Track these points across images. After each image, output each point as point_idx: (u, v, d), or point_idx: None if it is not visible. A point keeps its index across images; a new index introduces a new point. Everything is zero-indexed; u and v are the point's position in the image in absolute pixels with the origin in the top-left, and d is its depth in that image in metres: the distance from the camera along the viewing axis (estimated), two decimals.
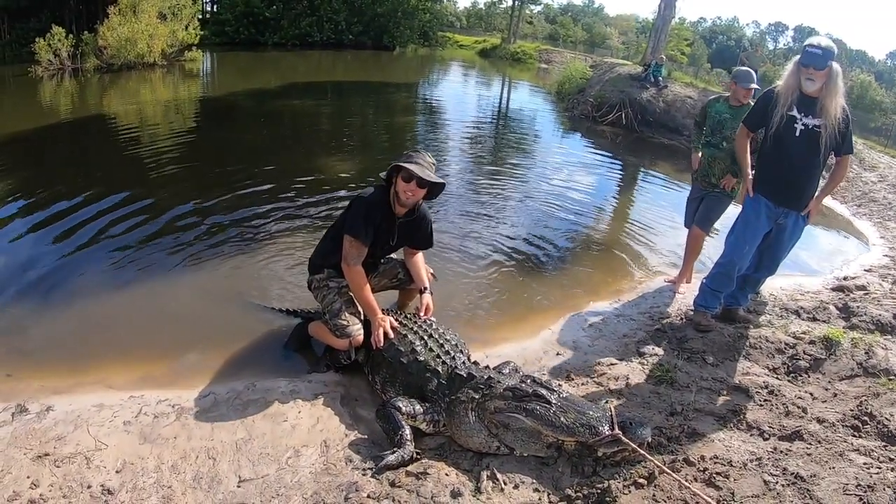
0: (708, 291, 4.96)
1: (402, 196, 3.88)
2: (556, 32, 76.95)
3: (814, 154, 4.28)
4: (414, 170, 3.75)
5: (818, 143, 4.21)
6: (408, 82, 27.12)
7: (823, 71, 4.03)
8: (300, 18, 39.31)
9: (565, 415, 2.94)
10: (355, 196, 4.04)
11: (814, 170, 4.40)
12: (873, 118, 37.22)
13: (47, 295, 5.13)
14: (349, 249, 3.88)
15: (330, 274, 4.13)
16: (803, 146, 4.27)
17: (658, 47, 22.34)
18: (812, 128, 4.19)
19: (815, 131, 4.18)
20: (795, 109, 4.23)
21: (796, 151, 4.31)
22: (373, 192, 3.98)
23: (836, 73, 4.06)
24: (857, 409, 3.42)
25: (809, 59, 4.03)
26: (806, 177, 4.42)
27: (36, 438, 3.28)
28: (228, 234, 6.60)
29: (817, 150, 4.24)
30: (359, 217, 3.86)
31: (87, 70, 22.30)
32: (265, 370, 4.17)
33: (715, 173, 5.67)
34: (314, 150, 11.28)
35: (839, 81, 4.09)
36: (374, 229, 3.93)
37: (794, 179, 4.44)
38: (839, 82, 4.09)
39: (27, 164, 9.32)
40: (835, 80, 4.06)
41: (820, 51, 4.00)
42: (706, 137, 5.72)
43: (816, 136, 4.19)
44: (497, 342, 4.81)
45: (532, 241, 7.19)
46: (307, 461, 3.18)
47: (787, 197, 4.49)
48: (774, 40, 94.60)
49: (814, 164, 4.35)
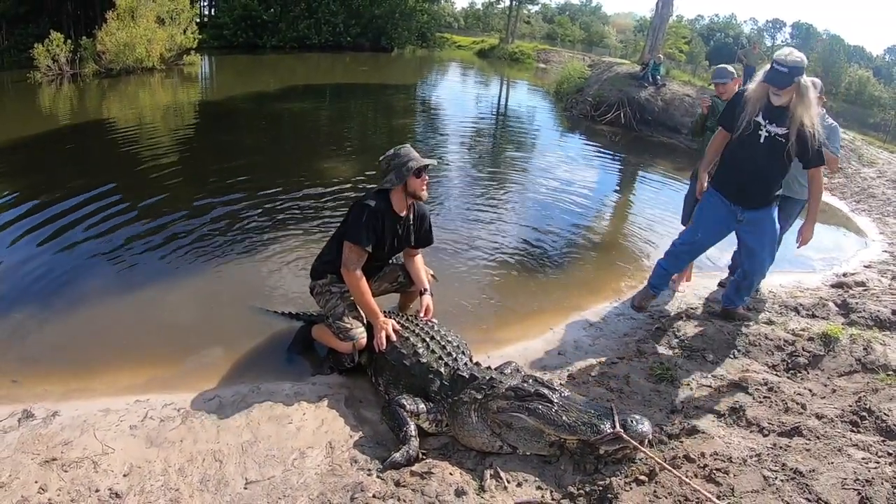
0: (658, 270, 5.03)
1: (420, 191, 3.96)
2: (554, 32, 76.85)
3: (773, 162, 4.32)
4: (423, 162, 3.88)
5: (780, 152, 4.24)
6: (406, 84, 27.11)
7: (789, 88, 4.05)
8: (298, 21, 39.25)
9: (567, 413, 2.97)
10: (356, 202, 4.07)
11: (770, 177, 4.44)
12: (872, 114, 37.28)
13: (51, 300, 5.16)
14: (349, 255, 3.91)
15: (332, 279, 4.15)
16: (764, 153, 4.30)
17: (656, 46, 22.32)
18: (775, 136, 4.22)
19: (779, 140, 4.22)
20: (761, 116, 4.27)
21: (757, 157, 4.34)
22: (373, 196, 4.00)
23: (805, 87, 4.07)
24: (856, 404, 3.44)
25: (772, 78, 4.06)
26: (760, 182, 4.47)
27: (43, 443, 3.31)
28: (231, 237, 6.63)
29: (778, 158, 4.28)
30: (359, 223, 3.89)
31: (85, 75, 22.28)
32: (269, 373, 4.20)
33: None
34: (315, 153, 11.30)
35: (810, 94, 4.09)
36: (377, 234, 3.96)
37: (747, 183, 4.50)
38: (810, 95, 4.09)
39: (28, 169, 9.34)
40: (804, 94, 4.08)
41: (786, 69, 4.01)
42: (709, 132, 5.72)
43: (779, 145, 4.22)
44: (499, 342, 4.85)
45: (532, 241, 7.22)
46: (313, 462, 3.22)
47: (738, 198, 4.56)
48: (772, 37, 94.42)
49: (771, 171, 4.40)
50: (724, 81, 5.65)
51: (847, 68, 66.58)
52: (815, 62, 71.63)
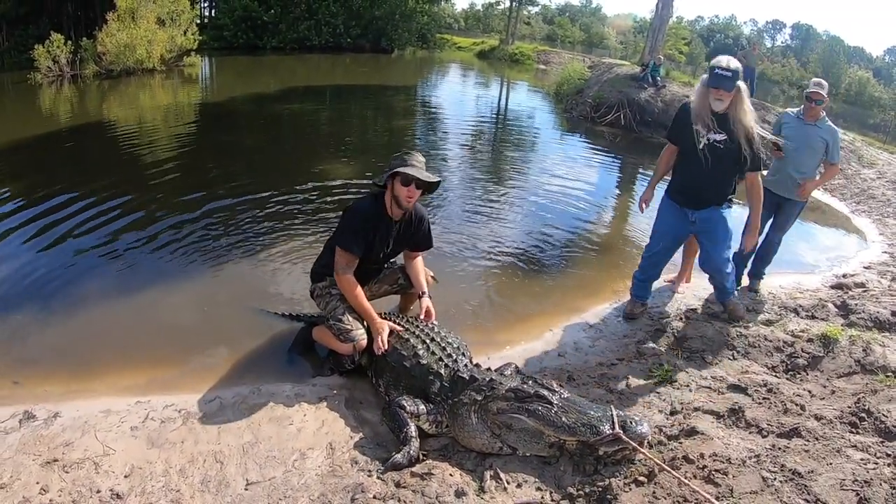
0: (635, 281, 5.30)
1: (402, 200, 3.91)
2: (554, 33, 76.88)
3: (718, 167, 4.52)
4: (412, 172, 3.80)
5: (724, 157, 4.44)
6: (406, 85, 27.12)
7: (731, 92, 4.26)
8: (298, 22, 39.25)
9: (567, 415, 2.99)
10: (348, 206, 4.09)
11: (717, 182, 4.65)
12: (872, 114, 37.30)
13: (51, 302, 5.17)
14: (339, 260, 3.94)
15: (331, 282, 4.16)
16: (707, 160, 4.48)
17: (656, 47, 22.33)
18: (714, 143, 4.43)
19: (717, 146, 4.43)
20: (701, 125, 4.47)
21: (701, 164, 4.53)
22: (366, 199, 4.02)
23: (744, 91, 4.32)
24: (855, 405, 3.45)
25: (718, 81, 4.27)
26: (708, 188, 4.68)
27: (44, 444, 3.33)
28: (231, 238, 6.64)
29: (722, 163, 4.49)
30: (349, 228, 3.92)
31: (86, 76, 22.29)
32: (270, 374, 4.21)
33: None
34: (315, 154, 11.31)
35: (746, 99, 4.34)
36: (368, 239, 3.98)
37: (696, 189, 4.72)
38: (746, 100, 4.34)
39: (29, 170, 9.34)
40: (742, 98, 4.31)
41: (729, 73, 4.23)
42: None
43: (721, 151, 4.43)
44: (499, 344, 4.86)
45: (532, 243, 7.23)
46: (313, 463, 3.23)
47: (688, 201, 4.80)
48: (772, 38, 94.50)
49: (718, 177, 4.61)
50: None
51: (847, 69, 66.71)
52: (815, 63, 71.83)
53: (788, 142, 5.53)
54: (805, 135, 5.53)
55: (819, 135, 5.51)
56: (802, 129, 5.55)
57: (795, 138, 5.54)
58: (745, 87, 4.34)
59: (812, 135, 5.52)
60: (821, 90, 5.45)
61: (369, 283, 4.36)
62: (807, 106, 5.52)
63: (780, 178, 5.67)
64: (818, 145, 5.54)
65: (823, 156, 5.65)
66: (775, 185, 5.69)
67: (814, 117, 5.52)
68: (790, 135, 5.58)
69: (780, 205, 5.75)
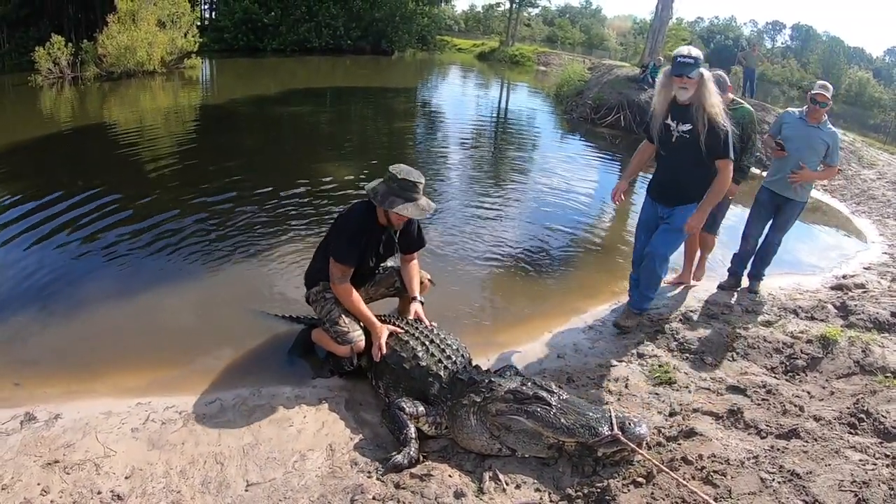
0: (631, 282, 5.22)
1: (393, 223, 3.99)
2: (554, 34, 76.93)
3: (686, 160, 4.51)
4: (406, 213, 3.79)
5: (692, 148, 4.42)
6: (406, 87, 27.15)
7: (695, 79, 4.27)
8: (299, 24, 39.29)
9: (565, 416, 3.00)
10: (340, 215, 4.11)
11: (685, 175, 4.61)
12: (872, 115, 37.32)
13: (52, 303, 5.19)
14: (334, 271, 3.94)
15: (325, 286, 4.17)
16: (679, 152, 4.52)
17: (656, 48, 22.38)
18: (683, 133, 4.44)
19: (685, 137, 4.43)
20: (670, 118, 4.50)
21: (673, 157, 4.59)
22: (358, 208, 4.02)
23: (707, 78, 4.33)
24: (854, 406, 3.46)
25: (681, 68, 4.30)
26: (676, 182, 4.67)
27: (45, 446, 3.34)
28: (231, 241, 6.66)
29: (692, 154, 4.45)
30: (342, 241, 3.92)
31: (87, 78, 22.31)
32: (270, 376, 4.23)
33: None
34: (315, 156, 11.33)
35: (710, 86, 4.33)
36: (360, 250, 3.99)
37: (668, 182, 4.75)
38: (710, 86, 4.33)
39: (29, 172, 9.36)
40: (706, 84, 4.32)
41: (691, 59, 4.27)
42: None
43: (689, 142, 4.42)
44: (498, 345, 4.87)
45: (532, 244, 7.25)
46: (313, 465, 3.25)
47: (661, 196, 4.82)
48: (772, 39, 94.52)
49: (686, 170, 4.58)
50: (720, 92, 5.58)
51: (847, 70, 66.77)
52: (815, 64, 71.88)
53: (789, 142, 5.54)
54: (807, 136, 5.53)
55: (820, 137, 5.52)
56: (804, 130, 5.55)
57: (796, 139, 5.55)
58: (708, 73, 4.37)
59: (813, 136, 5.52)
60: (826, 93, 5.45)
61: (365, 285, 4.37)
62: (811, 108, 5.51)
63: (780, 178, 5.66)
64: (819, 147, 5.54)
65: (823, 157, 5.64)
66: (776, 184, 5.71)
67: (817, 119, 5.52)
68: (791, 135, 5.58)
69: (779, 206, 5.75)
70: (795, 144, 5.53)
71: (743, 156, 5.70)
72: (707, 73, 4.34)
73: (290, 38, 38.79)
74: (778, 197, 5.72)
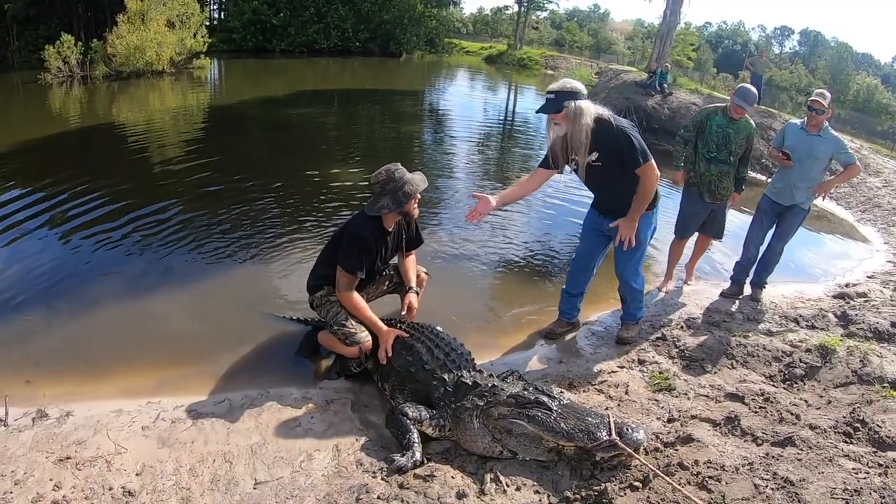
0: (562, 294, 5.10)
1: (413, 212, 4.10)
2: (562, 38, 76.93)
3: (611, 179, 4.29)
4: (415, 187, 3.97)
5: (607, 173, 4.23)
6: (414, 90, 27.17)
7: (562, 113, 4.01)
8: (307, 25, 39.46)
9: (565, 421, 3.06)
10: (348, 225, 4.14)
11: (615, 195, 4.39)
12: (880, 121, 37.22)
13: (62, 302, 5.28)
14: (341, 280, 4.02)
15: (329, 290, 4.23)
16: (594, 179, 4.34)
17: (663, 54, 22.39)
18: (594, 162, 4.19)
19: (596, 165, 4.20)
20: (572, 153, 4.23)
21: (596, 184, 4.42)
22: (364, 221, 4.07)
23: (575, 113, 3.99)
24: (850, 415, 3.49)
25: (546, 107, 4.07)
26: (609, 201, 4.50)
27: (57, 442, 3.41)
28: (239, 242, 6.75)
29: (612, 175, 4.23)
30: (353, 251, 3.98)
31: (96, 77, 22.49)
32: (278, 377, 4.29)
33: (725, 186, 5.78)
34: (323, 159, 11.38)
35: (581, 120, 3.99)
36: (371, 260, 4.10)
37: (606, 203, 4.57)
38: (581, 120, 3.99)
39: (38, 170, 9.45)
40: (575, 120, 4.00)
41: (552, 95, 4.04)
42: (711, 153, 5.70)
43: (599, 169, 4.22)
44: (502, 349, 4.92)
45: (537, 248, 7.29)
46: (320, 464, 3.31)
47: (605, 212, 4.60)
48: (780, 44, 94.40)
49: (613, 190, 4.38)
50: (746, 107, 5.57)
51: (855, 76, 66.57)
52: (823, 69, 71.69)
53: (792, 152, 5.57)
54: (808, 145, 5.56)
55: (822, 145, 5.54)
56: (806, 139, 5.59)
57: (799, 149, 5.58)
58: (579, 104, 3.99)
59: (815, 145, 5.55)
60: (822, 99, 5.47)
61: (367, 287, 4.46)
62: (809, 116, 5.56)
63: (783, 188, 5.72)
64: (822, 156, 5.57)
65: (827, 165, 5.69)
66: (778, 194, 5.76)
67: (816, 127, 5.55)
68: (793, 145, 5.61)
69: (781, 213, 5.80)
70: (798, 154, 5.55)
71: (741, 167, 5.81)
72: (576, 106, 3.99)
73: (299, 39, 38.98)
74: (779, 205, 5.76)
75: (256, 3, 38.34)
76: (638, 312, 5.03)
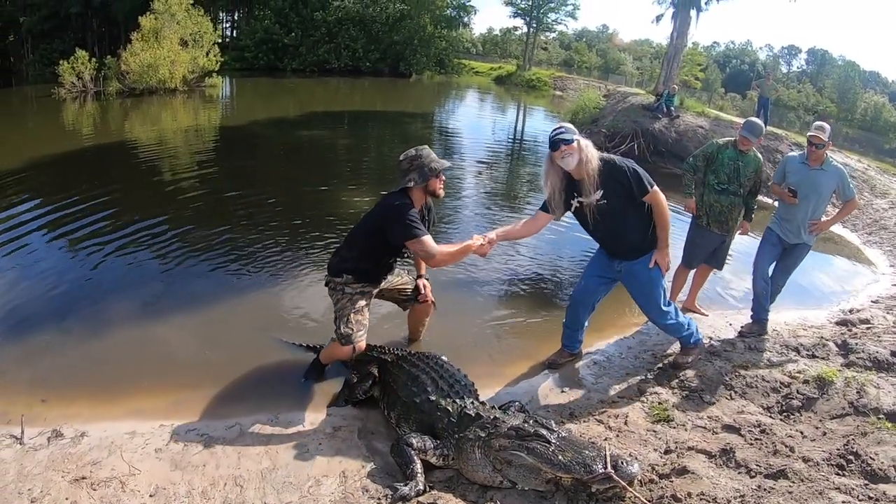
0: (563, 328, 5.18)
1: (438, 191, 4.23)
2: (571, 59, 77.34)
3: (615, 223, 4.38)
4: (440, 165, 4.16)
5: (613, 212, 4.31)
6: (424, 111, 27.30)
7: (573, 146, 4.15)
8: (318, 45, 39.87)
9: (563, 453, 3.14)
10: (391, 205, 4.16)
11: (622, 235, 4.49)
12: (888, 139, 37.22)
13: (77, 322, 5.42)
14: (419, 249, 4.07)
15: (347, 280, 4.33)
16: (599, 220, 4.37)
17: (671, 76, 22.49)
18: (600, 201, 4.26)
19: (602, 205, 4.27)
20: (575, 195, 4.34)
21: (596, 225, 4.41)
22: (399, 195, 4.19)
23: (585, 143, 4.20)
24: (844, 447, 3.52)
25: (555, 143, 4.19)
26: (615, 242, 4.57)
27: (72, 462, 3.53)
28: (252, 265, 6.88)
29: (616, 218, 4.34)
30: (411, 220, 4.03)
31: (109, 93, 22.79)
32: (287, 403, 4.38)
33: (734, 218, 5.86)
34: (334, 182, 11.53)
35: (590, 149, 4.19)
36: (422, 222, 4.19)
37: (607, 244, 4.67)
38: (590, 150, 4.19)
39: (52, 186, 9.69)
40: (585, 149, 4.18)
41: (563, 129, 4.20)
42: (721, 185, 5.75)
43: (606, 208, 4.28)
44: (505, 378, 4.97)
45: (542, 275, 7.37)
46: (327, 490, 3.41)
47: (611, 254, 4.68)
48: (788, 63, 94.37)
49: (619, 231, 4.45)
50: (753, 139, 5.65)
51: (862, 94, 66.51)
52: (831, 88, 71.66)
53: (796, 189, 5.46)
54: (812, 181, 5.47)
55: (826, 179, 5.47)
56: (808, 174, 5.49)
57: (803, 185, 5.48)
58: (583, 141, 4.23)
59: (818, 180, 5.46)
60: (821, 134, 5.37)
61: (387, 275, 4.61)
62: (809, 150, 5.48)
63: (790, 227, 5.63)
64: (824, 191, 5.50)
65: (830, 199, 5.66)
66: (784, 232, 5.69)
67: (818, 161, 5.46)
68: (797, 181, 5.52)
69: (787, 249, 5.72)
70: (803, 191, 5.45)
71: (751, 198, 5.91)
72: (584, 140, 4.24)
73: (310, 58, 39.36)
74: (785, 241, 5.69)
75: (268, 23, 38.81)
76: (690, 338, 5.03)
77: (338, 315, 4.35)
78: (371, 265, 4.37)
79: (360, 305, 4.36)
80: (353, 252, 4.34)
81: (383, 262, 4.42)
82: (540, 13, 53.15)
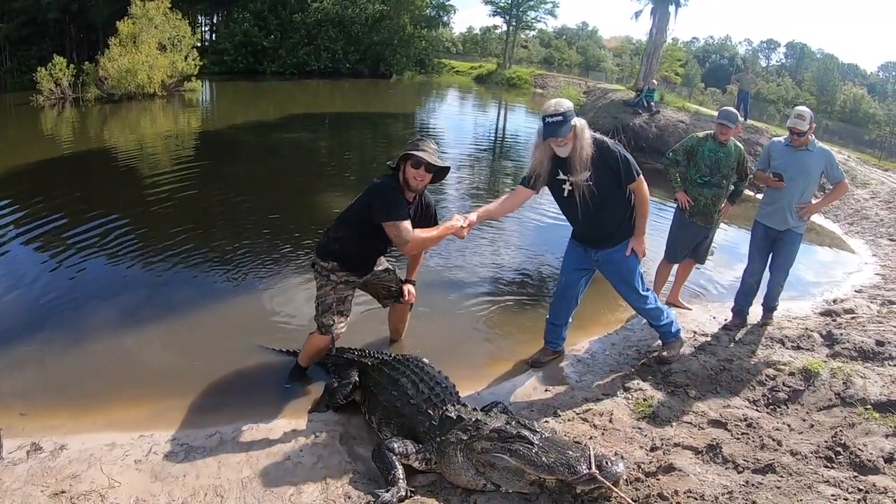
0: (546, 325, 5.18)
1: (412, 182, 4.09)
2: (551, 56, 77.57)
3: (592, 203, 4.33)
4: (423, 157, 4.01)
5: (596, 196, 4.29)
6: (405, 112, 27.30)
7: (569, 136, 4.10)
8: (298, 47, 39.74)
9: (546, 455, 3.10)
10: (378, 185, 4.16)
11: (601, 220, 4.46)
12: (867, 131, 37.64)
13: (56, 334, 5.31)
14: (393, 233, 4.01)
15: (334, 266, 4.30)
16: (581, 202, 4.32)
17: (650, 72, 22.66)
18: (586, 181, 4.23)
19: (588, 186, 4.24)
20: (560, 172, 4.32)
21: (578, 208, 4.37)
22: (390, 178, 4.17)
23: (581, 128, 4.13)
24: (832, 439, 3.50)
25: (553, 130, 4.09)
26: (595, 227, 4.54)
27: (52, 476, 3.45)
28: (232, 271, 6.81)
29: (597, 202, 4.32)
30: (392, 203, 4.03)
31: (87, 100, 22.59)
32: (267, 409, 4.32)
33: (718, 209, 5.90)
34: (315, 185, 11.49)
35: (585, 134, 4.13)
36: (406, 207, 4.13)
37: (585, 230, 4.64)
38: (585, 135, 4.13)
39: (31, 195, 9.52)
40: (581, 134, 4.12)
41: (560, 117, 4.07)
42: (704, 178, 5.76)
43: (586, 189, 4.25)
44: (488, 378, 4.94)
45: (524, 274, 7.36)
46: (308, 498, 3.35)
47: (586, 243, 4.69)
48: (767, 57, 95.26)
49: (600, 215, 4.42)
50: (730, 126, 5.66)
51: (841, 86, 67.20)
52: (810, 81, 72.31)
53: (783, 172, 5.36)
54: (799, 162, 5.35)
55: (812, 160, 5.34)
56: (793, 156, 5.38)
57: (789, 168, 5.36)
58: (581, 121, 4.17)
59: (806, 161, 5.34)
60: (801, 124, 5.23)
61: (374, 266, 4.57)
62: (791, 137, 5.36)
63: (775, 211, 5.51)
64: (814, 172, 5.37)
65: (819, 180, 5.56)
66: (770, 218, 5.57)
67: (802, 143, 5.33)
68: (782, 164, 5.40)
69: (776, 240, 5.62)
70: (790, 174, 5.33)
71: (740, 182, 5.97)
72: (580, 123, 4.15)
73: (290, 60, 39.26)
74: (774, 231, 5.57)
75: (247, 26, 38.63)
76: (671, 328, 5.01)
77: (319, 302, 4.35)
78: (357, 248, 4.32)
79: (343, 295, 4.35)
80: (340, 231, 4.32)
81: (369, 245, 4.33)
82: (519, 11, 53.37)
